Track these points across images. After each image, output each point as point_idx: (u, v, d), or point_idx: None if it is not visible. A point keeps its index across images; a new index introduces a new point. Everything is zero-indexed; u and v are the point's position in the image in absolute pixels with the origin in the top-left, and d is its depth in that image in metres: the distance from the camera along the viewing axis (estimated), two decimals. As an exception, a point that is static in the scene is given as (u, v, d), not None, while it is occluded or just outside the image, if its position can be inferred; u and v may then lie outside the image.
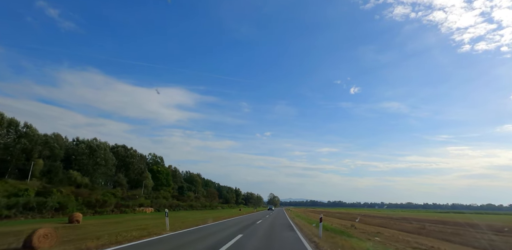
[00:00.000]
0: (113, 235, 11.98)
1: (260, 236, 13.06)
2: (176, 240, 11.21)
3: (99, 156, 47.47)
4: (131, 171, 59.79)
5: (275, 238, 12.31)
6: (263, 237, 12.71)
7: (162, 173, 67.95)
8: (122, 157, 59.04)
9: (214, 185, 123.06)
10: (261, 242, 10.86)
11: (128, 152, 60.86)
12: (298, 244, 10.52)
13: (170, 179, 70.22)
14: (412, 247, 13.62)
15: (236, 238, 11.51)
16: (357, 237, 14.97)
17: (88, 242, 9.70)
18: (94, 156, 46.90)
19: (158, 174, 67.25)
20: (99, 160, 47.30)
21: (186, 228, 16.50)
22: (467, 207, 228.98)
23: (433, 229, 28.77)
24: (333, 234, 14.40)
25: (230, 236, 12.26)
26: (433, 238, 20.67)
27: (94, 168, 46.48)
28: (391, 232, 23.34)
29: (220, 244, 9.86)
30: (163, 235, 12.50)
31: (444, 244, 16.87)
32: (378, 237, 16.55)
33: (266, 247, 9.80)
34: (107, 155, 50.40)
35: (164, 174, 68.35)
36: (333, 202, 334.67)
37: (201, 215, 36.83)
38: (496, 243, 18.43)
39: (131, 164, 59.86)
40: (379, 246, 11.95)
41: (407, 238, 18.07)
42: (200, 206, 69.51)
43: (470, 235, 22.30)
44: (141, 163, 64.25)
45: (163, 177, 67.95)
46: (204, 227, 18.18)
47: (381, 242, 13.93)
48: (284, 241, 11.52)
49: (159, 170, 67.93)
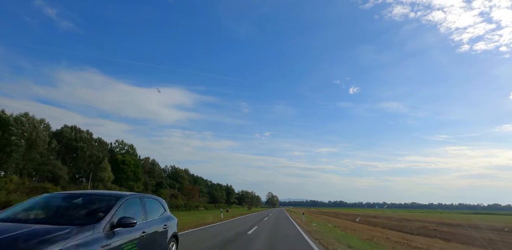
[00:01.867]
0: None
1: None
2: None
3: (15, 134, 32.31)
4: (81, 159, 44.68)
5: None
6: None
7: (129, 165, 52.89)
8: (67, 140, 43.92)
9: (206, 183, 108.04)
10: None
11: (78, 135, 45.71)
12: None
13: (140, 172, 55.09)
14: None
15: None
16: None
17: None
18: (6, 133, 31.75)
19: (123, 165, 52.21)
20: (16, 139, 32.13)
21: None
22: (474, 207, 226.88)
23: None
24: None
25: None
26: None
27: (4, 151, 31.35)
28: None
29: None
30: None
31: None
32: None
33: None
34: (35, 134, 35.31)
35: (131, 166, 53.27)
36: (334, 202, 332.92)
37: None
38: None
39: (81, 150, 44.73)
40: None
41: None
42: (171, 206, 53.96)
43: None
44: (99, 150, 49.18)
45: (130, 169, 52.88)
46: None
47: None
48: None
49: (125, 161, 52.88)
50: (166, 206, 5.79)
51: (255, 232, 13.55)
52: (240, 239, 10.56)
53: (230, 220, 25.01)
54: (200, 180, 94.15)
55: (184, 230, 12.75)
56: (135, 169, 54.00)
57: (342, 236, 13.13)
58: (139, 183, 54.97)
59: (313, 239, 11.03)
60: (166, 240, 5.05)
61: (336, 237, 11.88)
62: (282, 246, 9.28)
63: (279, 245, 9.46)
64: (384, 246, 11.17)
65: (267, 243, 9.54)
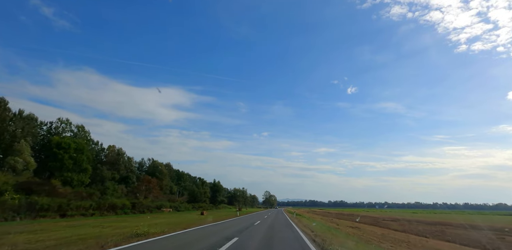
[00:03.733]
0: None
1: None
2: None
3: None
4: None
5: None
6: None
7: (66, 149, 37.71)
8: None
9: (194, 180, 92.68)
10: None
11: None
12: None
13: (84, 160, 39.79)
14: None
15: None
16: None
17: None
18: None
19: (58, 150, 37.04)
20: None
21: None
22: (481, 207, 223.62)
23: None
24: None
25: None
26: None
27: None
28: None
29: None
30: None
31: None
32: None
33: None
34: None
35: (71, 151, 38.05)
36: (334, 202, 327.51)
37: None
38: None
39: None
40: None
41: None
42: (118, 207, 37.66)
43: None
44: (18, 126, 34.01)
45: (68, 155, 37.66)
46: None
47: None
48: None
49: (61, 143, 37.69)
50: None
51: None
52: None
53: (162, 237, 10.39)
54: (186, 176, 78.74)
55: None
56: (77, 156, 38.77)
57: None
58: (84, 174, 39.73)
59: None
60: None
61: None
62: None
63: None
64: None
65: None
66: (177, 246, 9.32)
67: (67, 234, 12.78)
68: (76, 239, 10.60)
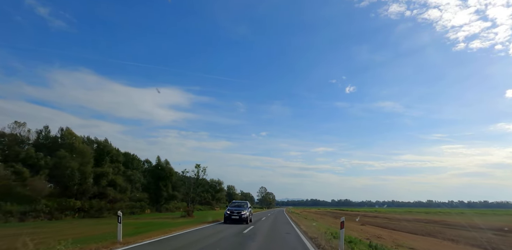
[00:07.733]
0: None
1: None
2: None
3: None
4: None
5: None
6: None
7: None
8: None
9: (177, 176, 69.56)
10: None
11: None
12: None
13: None
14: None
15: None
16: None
17: None
18: None
19: None
20: None
21: None
22: (486, 205, 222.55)
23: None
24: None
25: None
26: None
27: None
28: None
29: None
30: None
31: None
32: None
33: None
34: None
35: None
36: (338, 201, 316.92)
37: None
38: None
39: None
40: None
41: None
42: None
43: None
44: None
45: None
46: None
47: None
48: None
49: None
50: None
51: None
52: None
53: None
54: (137, 161, 54.86)
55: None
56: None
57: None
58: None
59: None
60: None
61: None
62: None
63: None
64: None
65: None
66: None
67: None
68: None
